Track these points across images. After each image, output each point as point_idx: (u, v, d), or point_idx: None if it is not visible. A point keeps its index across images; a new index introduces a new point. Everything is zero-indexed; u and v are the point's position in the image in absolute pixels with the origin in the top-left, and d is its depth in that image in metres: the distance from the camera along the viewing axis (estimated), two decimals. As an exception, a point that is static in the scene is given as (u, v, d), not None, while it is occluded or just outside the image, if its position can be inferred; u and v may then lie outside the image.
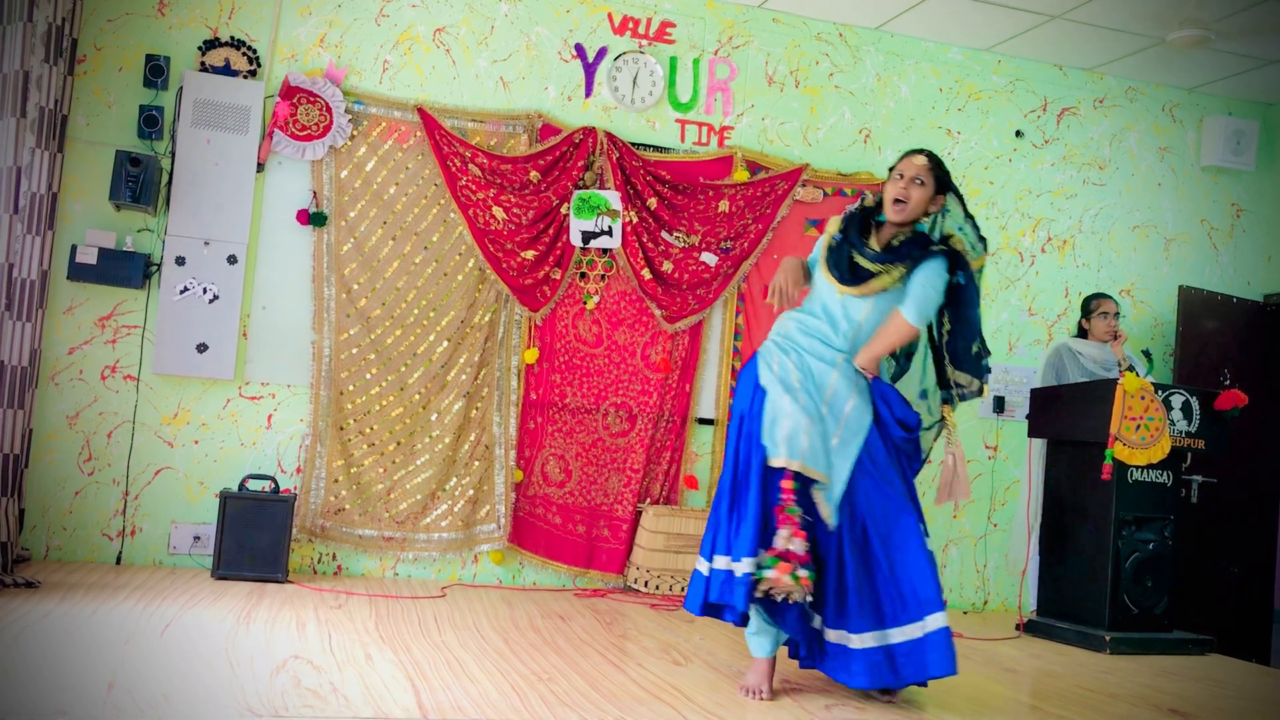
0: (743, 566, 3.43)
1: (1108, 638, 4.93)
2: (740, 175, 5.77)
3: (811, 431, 3.48)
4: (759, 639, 3.61)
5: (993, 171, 6.32)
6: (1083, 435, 5.16)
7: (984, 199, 6.29)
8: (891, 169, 3.78)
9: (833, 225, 3.81)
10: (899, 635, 3.47)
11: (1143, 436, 4.98)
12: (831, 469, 3.52)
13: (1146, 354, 5.53)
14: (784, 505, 3.43)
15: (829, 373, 3.62)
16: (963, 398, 3.90)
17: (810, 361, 3.65)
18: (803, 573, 3.37)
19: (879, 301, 3.64)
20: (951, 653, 3.42)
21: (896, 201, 3.66)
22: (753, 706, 3.41)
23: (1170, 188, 6.67)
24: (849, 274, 3.65)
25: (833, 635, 3.52)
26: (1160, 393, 5.09)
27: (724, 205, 5.72)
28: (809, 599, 3.42)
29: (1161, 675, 4.52)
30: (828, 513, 3.51)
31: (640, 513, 5.56)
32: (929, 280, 3.60)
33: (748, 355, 5.79)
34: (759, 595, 3.41)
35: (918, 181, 3.68)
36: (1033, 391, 5.56)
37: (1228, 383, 6.24)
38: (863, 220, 3.77)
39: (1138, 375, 5.17)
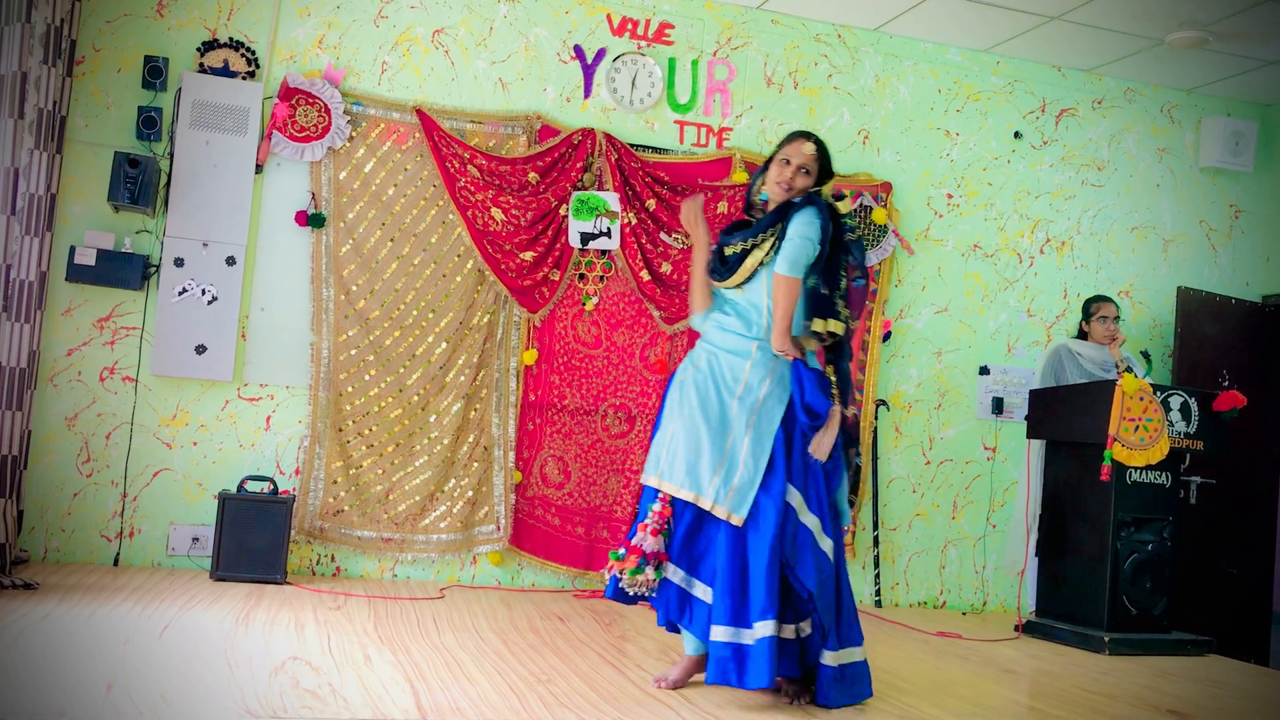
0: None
1: (1106, 639, 4.93)
2: (739, 176, 5.77)
3: (684, 447, 3.46)
4: (685, 635, 3.62)
5: (991, 173, 6.32)
6: (1081, 436, 5.16)
7: (982, 200, 6.29)
8: (779, 149, 3.69)
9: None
10: (723, 634, 3.38)
11: (1141, 437, 4.98)
12: (732, 470, 3.44)
13: (1145, 355, 5.54)
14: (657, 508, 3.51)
15: (742, 365, 3.54)
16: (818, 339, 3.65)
17: (723, 360, 3.57)
18: (646, 572, 3.47)
19: (769, 277, 3.55)
20: (745, 670, 3.31)
21: (779, 185, 3.62)
22: (751, 704, 3.41)
23: (1169, 189, 6.68)
24: (721, 268, 3.63)
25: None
26: (1159, 394, 5.09)
27: (723, 207, 5.73)
28: (646, 593, 3.50)
29: (1160, 676, 4.52)
30: (724, 513, 3.42)
31: (639, 514, 5.55)
32: (798, 230, 3.50)
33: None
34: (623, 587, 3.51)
35: (804, 171, 3.64)
36: (1031, 392, 5.56)
37: (1226, 384, 6.24)
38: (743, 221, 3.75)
39: (1136, 376, 5.18)
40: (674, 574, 3.52)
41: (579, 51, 5.68)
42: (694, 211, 3.76)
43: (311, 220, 5.21)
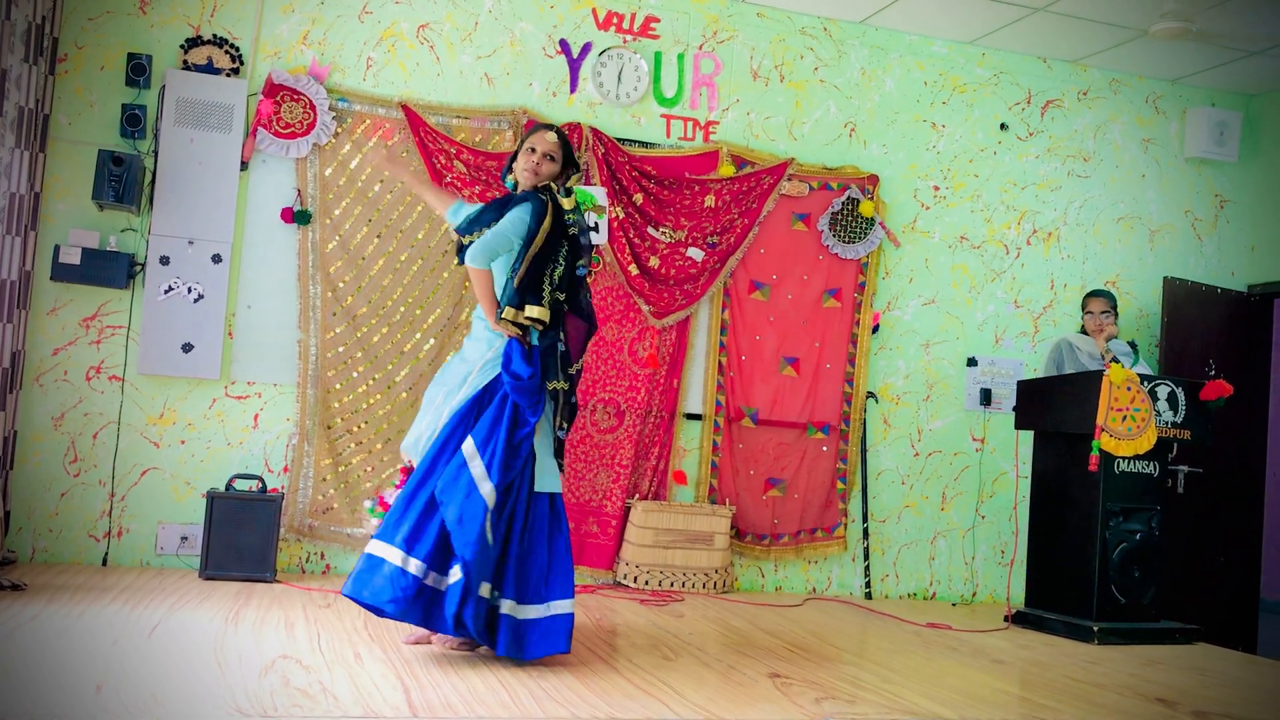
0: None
1: (1095, 628, 4.95)
2: (726, 170, 5.77)
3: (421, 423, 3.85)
4: None
5: (978, 164, 6.33)
6: (1069, 427, 5.17)
7: (969, 192, 6.30)
8: (523, 142, 3.96)
9: None
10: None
11: (1129, 427, 5.00)
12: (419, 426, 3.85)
13: (1132, 345, 5.56)
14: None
15: (468, 343, 3.92)
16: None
17: (465, 340, 3.96)
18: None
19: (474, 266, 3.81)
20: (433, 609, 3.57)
21: (527, 174, 3.89)
22: (742, 697, 3.42)
23: (1154, 179, 6.70)
24: (459, 255, 3.91)
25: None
26: (1146, 384, 5.11)
27: (710, 200, 5.72)
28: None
29: (1149, 665, 4.54)
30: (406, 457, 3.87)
31: (629, 509, 5.56)
32: (501, 224, 3.77)
33: (734, 350, 5.81)
34: None
35: (549, 158, 3.93)
36: (1019, 384, 5.57)
37: (1213, 373, 6.26)
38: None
39: (1124, 367, 5.19)
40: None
41: (564, 46, 5.67)
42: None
43: (297, 217, 5.19)
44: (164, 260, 4.98)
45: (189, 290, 5.01)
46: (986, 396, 6.19)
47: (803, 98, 6.05)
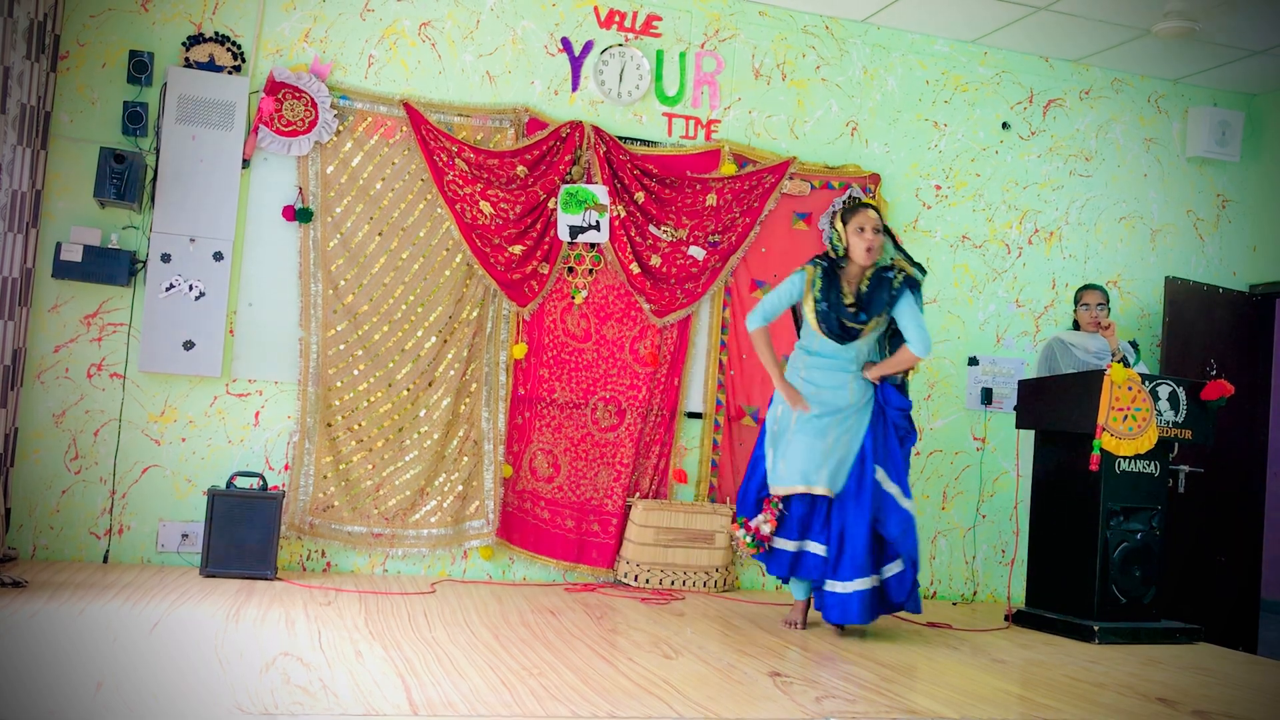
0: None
1: (1096, 628, 4.94)
2: (728, 168, 5.77)
3: (810, 456, 4.61)
4: (794, 586, 4.83)
5: (979, 164, 6.33)
6: (1070, 426, 5.17)
7: (970, 191, 6.30)
8: (846, 222, 4.62)
9: (808, 274, 4.66)
10: (840, 586, 4.56)
11: (1130, 427, 5.00)
12: (835, 464, 4.61)
13: (1134, 344, 5.55)
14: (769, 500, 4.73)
15: (846, 392, 4.65)
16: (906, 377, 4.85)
17: (829, 395, 4.65)
18: (743, 535, 4.72)
19: (870, 335, 4.68)
20: (856, 609, 4.51)
21: (869, 250, 4.57)
22: (743, 696, 3.42)
23: (1156, 179, 6.69)
24: (842, 334, 4.60)
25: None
26: (1147, 383, 5.11)
27: (711, 199, 5.72)
28: (752, 555, 4.75)
29: (1149, 664, 4.54)
30: (824, 489, 4.60)
31: (630, 507, 5.56)
32: (915, 314, 4.58)
33: (735, 349, 5.80)
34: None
35: (879, 230, 4.60)
36: (1020, 383, 5.57)
37: (1214, 373, 6.26)
38: (832, 271, 4.63)
39: (1128, 366, 5.19)
40: (786, 544, 4.66)
41: (566, 44, 5.67)
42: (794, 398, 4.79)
43: (299, 215, 5.19)
44: (165, 258, 4.98)
45: (190, 288, 5.01)
46: (988, 396, 6.19)
47: (804, 96, 6.05)
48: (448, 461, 5.36)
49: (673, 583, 5.44)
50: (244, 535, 4.82)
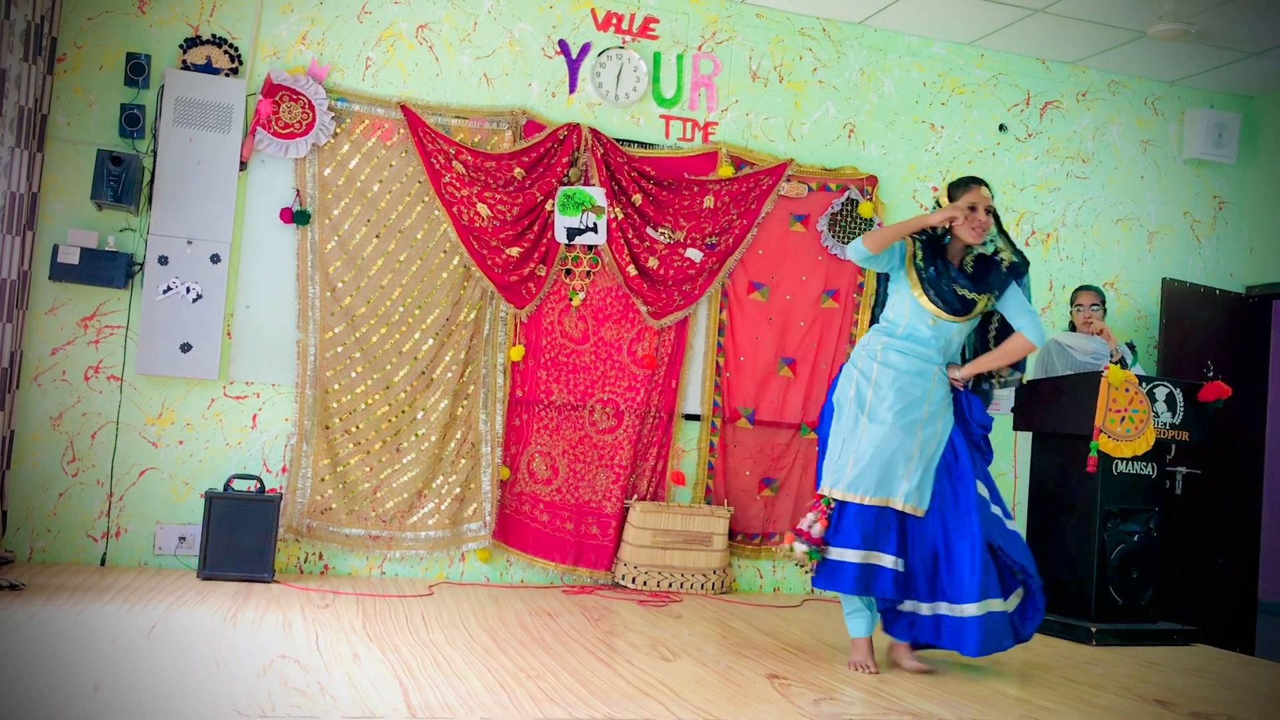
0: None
1: (1093, 629, 4.95)
2: (725, 171, 5.77)
3: (892, 458, 4.01)
4: (854, 619, 4.11)
5: (976, 166, 6.33)
6: (1068, 428, 5.17)
7: (968, 193, 6.30)
8: (955, 197, 4.12)
9: (908, 246, 4.15)
10: (945, 609, 3.99)
11: (1127, 429, 5.00)
12: (922, 472, 4.03)
13: (1130, 346, 5.56)
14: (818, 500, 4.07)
15: (928, 386, 4.10)
16: (1004, 385, 4.45)
17: (908, 381, 4.07)
18: (800, 547, 3.96)
19: (973, 320, 4.18)
20: (974, 638, 3.90)
21: (976, 230, 4.08)
22: (741, 698, 3.42)
23: (1153, 180, 6.70)
24: (959, 306, 4.09)
25: (908, 605, 4.05)
26: (1144, 385, 5.11)
27: (709, 201, 5.72)
28: (804, 567, 4.03)
29: (1147, 666, 4.55)
30: (910, 507, 3.99)
31: (627, 509, 5.56)
32: (1024, 301, 4.17)
33: (732, 351, 5.80)
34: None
35: (989, 211, 4.11)
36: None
37: (1211, 375, 6.25)
38: (933, 246, 4.16)
39: (1125, 367, 5.19)
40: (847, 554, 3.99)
41: (564, 46, 5.67)
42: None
43: (296, 217, 5.19)
44: (162, 260, 4.98)
45: (187, 290, 5.01)
46: (985, 397, 6.17)
47: (802, 98, 6.06)
48: (445, 464, 5.36)
49: (670, 585, 5.44)
50: (241, 538, 4.82)
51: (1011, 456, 6.09)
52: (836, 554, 3.94)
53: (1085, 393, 5.06)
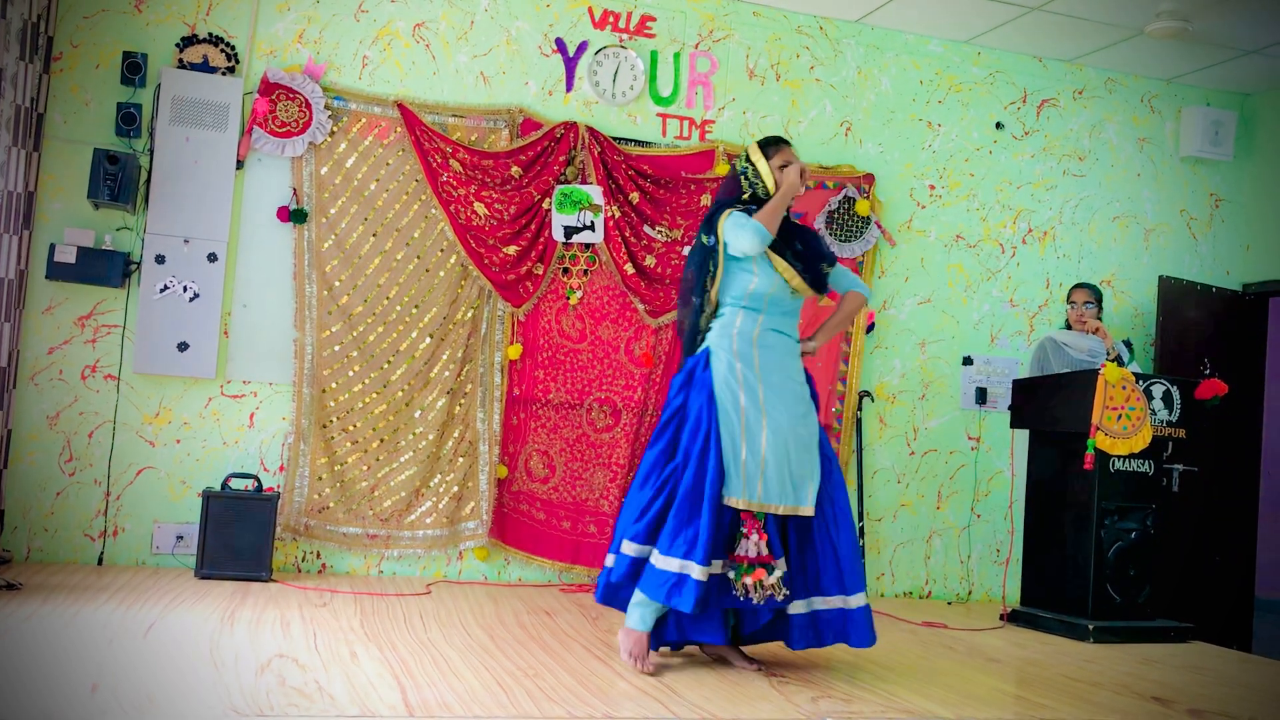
0: (703, 570, 3.52)
1: (1091, 627, 4.95)
2: (722, 169, 5.77)
3: (796, 455, 3.70)
4: (641, 610, 3.70)
5: (973, 163, 6.34)
6: (1065, 426, 5.18)
7: (964, 191, 6.31)
8: (770, 155, 3.89)
9: (755, 221, 3.75)
10: (823, 604, 3.72)
11: (1124, 426, 5.01)
12: (810, 469, 3.74)
13: (1127, 344, 5.56)
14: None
15: (797, 366, 3.90)
16: None
17: (783, 358, 3.85)
18: (776, 575, 3.61)
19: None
20: (866, 626, 3.72)
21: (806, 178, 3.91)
22: (739, 697, 3.42)
23: (1150, 178, 6.71)
24: (823, 285, 3.96)
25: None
26: (1141, 382, 5.12)
27: (706, 199, 5.72)
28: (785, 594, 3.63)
29: (1144, 663, 4.55)
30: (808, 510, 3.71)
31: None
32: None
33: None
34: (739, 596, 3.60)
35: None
36: (1015, 383, 5.58)
37: (1208, 372, 6.28)
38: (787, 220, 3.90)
39: (1122, 365, 5.20)
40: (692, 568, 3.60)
41: (560, 45, 5.67)
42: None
43: (293, 216, 5.19)
44: (159, 259, 4.97)
45: (184, 289, 5.01)
46: (982, 395, 6.20)
47: (799, 96, 6.05)
48: (443, 462, 5.36)
49: (668, 583, 5.43)
50: (239, 537, 4.81)
51: (1009, 455, 6.09)
52: (686, 568, 3.54)
53: (1082, 390, 5.06)
